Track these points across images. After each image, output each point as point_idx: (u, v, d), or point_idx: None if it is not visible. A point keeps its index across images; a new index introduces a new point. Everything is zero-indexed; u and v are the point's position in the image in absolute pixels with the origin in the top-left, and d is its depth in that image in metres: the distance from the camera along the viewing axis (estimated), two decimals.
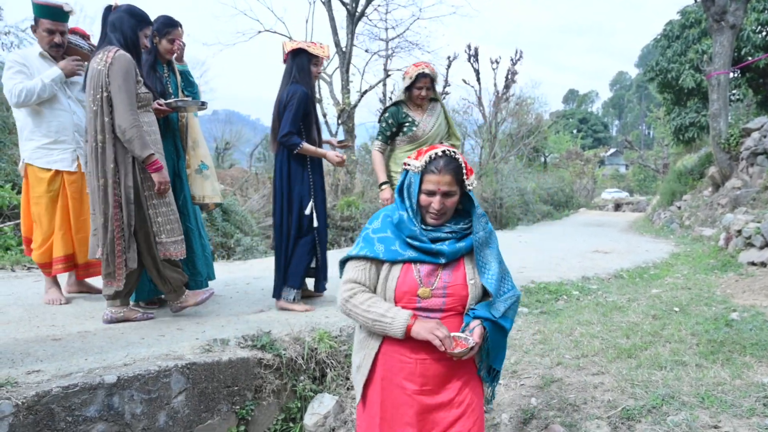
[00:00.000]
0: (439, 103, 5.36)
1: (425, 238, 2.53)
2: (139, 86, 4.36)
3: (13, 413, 3.00)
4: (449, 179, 2.47)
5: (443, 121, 5.31)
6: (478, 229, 2.53)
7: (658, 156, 40.15)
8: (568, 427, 3.34)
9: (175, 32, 5.04)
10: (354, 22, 21.03)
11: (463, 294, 2.50)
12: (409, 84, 5.08)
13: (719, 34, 13.15)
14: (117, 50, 4.27)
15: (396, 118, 5.18)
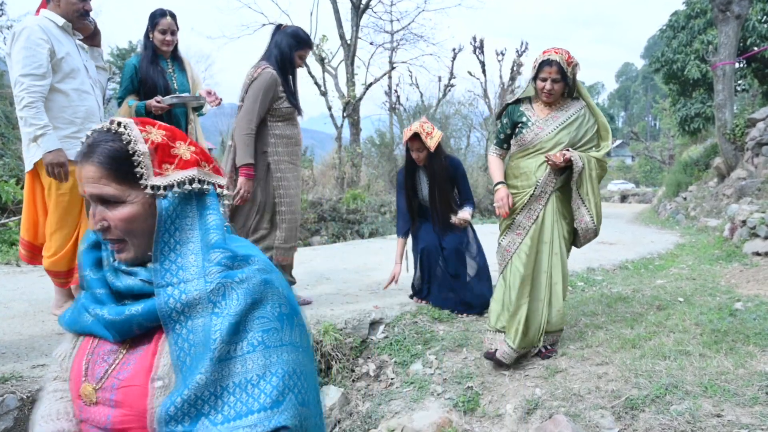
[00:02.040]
0: (584, 102, 4.19)
1: (104, 290, 1.51)
2: (280, 102, 4.76)
3: (18, 407, 3.02)
4: (92, 172, 1.43)
5: (583, 126, 4.10)
6: (189, 279, 1.40)
7: (664, 147, 40.03)
8: (572, 416, 3.34)
9: (164, 21, 4.95)
10: (359, 15, 21.00)
11: (140, 406, 1.37)
12: (534, 75, 4.09)
13: (724, 24, 13.09)
14: (266, 67, 4.72)
15: (511, 117, 4.26)
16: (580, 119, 4.10)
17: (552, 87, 4.00)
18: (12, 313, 3.72)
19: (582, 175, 3.99)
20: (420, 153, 5.21)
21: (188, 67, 5.28)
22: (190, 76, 5.26)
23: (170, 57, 5.13)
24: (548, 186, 4.08)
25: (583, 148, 4.08)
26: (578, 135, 4.08)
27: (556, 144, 4.04)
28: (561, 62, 3.93)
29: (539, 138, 4.09)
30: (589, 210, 4.07)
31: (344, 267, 7.11)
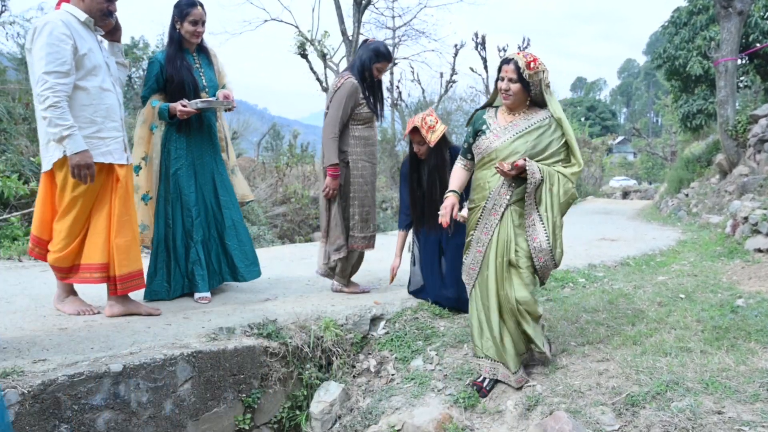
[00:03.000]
0: (550, 110, 3.78)
1: None
2: (360, 107, 5.22)
3: (19, 402, 3.02)
4: None
5: (545, 137, 3.74)
6: None
7: (666, 144, 39.95)
8: (573, 413, 3.35)
9: (195, 12, 4.81)
10: (360, 11, 20.96)
11: None
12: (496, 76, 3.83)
13: (727, 20, 13.06)
14: (348, 77, 5.18)
15: (474, 125, 3.98)
16: (542, 129, 3.74)
17: (508, 87, 3.69)
18: (14, 308, 3.73)
19: (541, 189, 3.63)
20: (420, 146, 5.11)
21: (215, 59, 5.16)
22: (217, 69, 5.15)
23: (196, 50, 5.01)
24: (502, 199, 3.74)
25: (546, 162, 3.70)
26: (538, 146, 3.70)
27: (512, 153, 3.69)
28: (518, 62, 3.65)
29: (493, 146, 3.77)
30: (546, 228, 3.67)
31: None
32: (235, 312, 4.70)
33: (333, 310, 4.92)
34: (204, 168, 5.01)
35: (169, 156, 4.92)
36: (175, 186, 4.93)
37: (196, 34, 4.85)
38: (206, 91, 4.94)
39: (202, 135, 4.99)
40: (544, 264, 3.74)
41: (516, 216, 3.75)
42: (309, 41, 19.17)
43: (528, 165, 3.56)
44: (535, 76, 3.68)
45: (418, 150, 5.14)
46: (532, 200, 3.65)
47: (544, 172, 3.62)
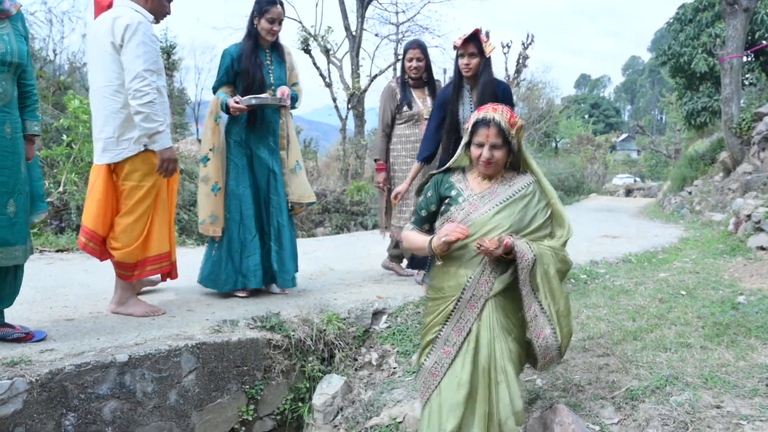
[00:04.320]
0: (532, 177, 3.13)
1: None
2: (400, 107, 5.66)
3: (27, 390, 3.07)
4: None
5: (531, 207, 3.03)
6: None
7: (670, 141, 39.94)
8: (573, 407, 3.38)
9: (274, 10, 4.78)
10: (364, 6, 20.97)
11: None
12: (467, 139, 3.09)
13: (732, 17, 13.05)
14: (390, 80, 5.81)
15: (438, 189, 3.19)
16: (528, 198, 3.03)
17: (491, 155, 2.97)
18: (20, 300, 3.76)
19: (535, 272, 2.88)
20: (472, 59, 4.61)
21: (288, 57, 5.12)
22: (288, 66, 5.10)
23: (269, 47, 4.98)
24: (482, 288, 2.95)
25: (532, 237, 2.98)
26: (525, 218, 2.99)
27: (494, 229, 2.93)
28: (502, 122, 2.94)
29: (471, 219, 2.97)
30: (551, 320, 2.94)
31: (348, 258, 7.15)
32: (239, 305, 4.74)
33: (335, 303, 4.95)
34: (261, 165, 4.96)
35: (229, 149, 4.94)
36: (235, 179, 4.92)
37: (272, 32, 4.83)
38: (273, 89, 4.90)
39: (262, 131, 4.94)
40: (548, 361, 3.05)
41: (499, 311, 2.97)
42: (312, 36, 19.16)
43: (517, 244, 2.83)
44: (518, 134, 3.04)
45: (468, 63, 4.63)
46: (529, 288, 2.90)
47: (537, 251, 2.88)
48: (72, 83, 15.50)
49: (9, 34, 3.38)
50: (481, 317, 2.96)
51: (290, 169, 5.18)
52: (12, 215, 3.41)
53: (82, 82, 18.66)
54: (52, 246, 7.25)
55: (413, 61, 5.53)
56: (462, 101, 4.80)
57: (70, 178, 8.16)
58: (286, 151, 5.14)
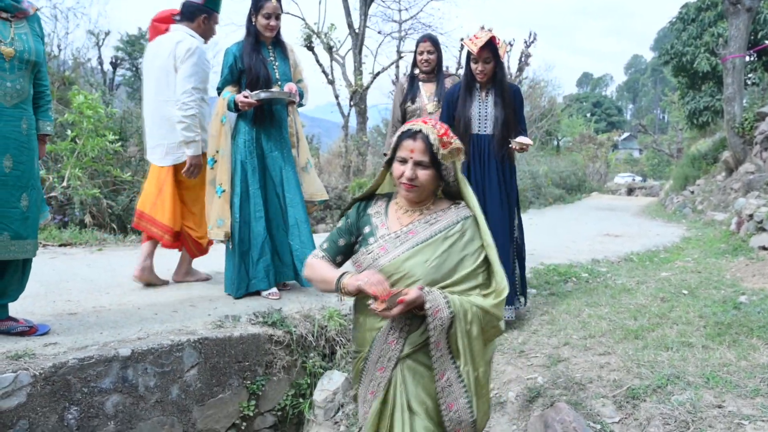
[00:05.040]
0: (468, 211, 2.59)
1: None
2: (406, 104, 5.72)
3: (30, 383, 3.09)
4: None
5: (456, 252, 2.49)
6: None
7: (672, 140, 39.88)
8: (574, 405, 3.38)
9: (269, 5, 4.74)
10: (367, 4, 20.97)
11: None
12: (391, 153, 2.56)
13: (735, 17, 13.04)
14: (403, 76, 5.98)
15: (356, 221, 2.68)
16: (453, 238, 2.49)
17: (414, 173, 2.43)
18: (23, 294, 3.77)
19: (453, 331, 2.35)
20: (487, 65, 4.53)
21: (291, 54, 5.09)
22: (292, 63, 5.08)
23: (272, 43, 4.95)
24: (391, 347, 2.45)
25: (457, 288, 2.43)
26: (446, 265, 2.44)
27: (403, 278, 2.42)
28: (431, 136, 2.42)
29: (379, 265, 2.46)
30: (468, 389, 2.42)
31: None
32: (241, 300, 4.75)
33: (337, 299, 4.95)
34: (273, 163, 4.93)
35: (238, 148, 4.89)
36: (243, 179, 4.87)
37: (269, 27, 4.79)
38: (279, 84, 4.86)
39: (271, 129, 4.92)
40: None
41: (410, 377, 2.46)
42: (315, 34, 19.18)
43: (428, 297, 2.30)
44: (453, 156, 2.50)
45: (483, 70, 4.54)
46: (444, 351, 2.39)
47: (456, 307, 2.34)
48: (76, 78, 15.53)
49: (27, 34, 3.47)
50: (392, 384, 2.47)
51: (301, 167, 5.16)
52: (25, 209, 3.48)
53: (86, 78, 18.67)
54: (55, 240, 7.26)
55: (424, 54, 5.55)
56: (472, 100, 4.71)
57: (74, 173, 8.17)
58: (297, 149, 5.14)
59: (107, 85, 27.28)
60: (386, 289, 2.28)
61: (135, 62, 37.92)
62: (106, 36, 31.58)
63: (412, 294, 2.27)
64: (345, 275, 2.44)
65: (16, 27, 3.43)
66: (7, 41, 3.35)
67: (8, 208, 3.40)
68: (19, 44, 3.39)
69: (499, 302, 2.44)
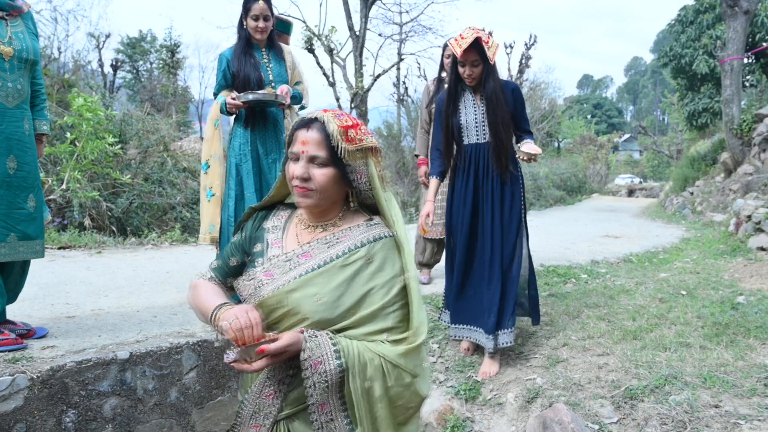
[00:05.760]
0: (384, 229, 2.07)
1: None
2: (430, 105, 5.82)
3: (28, 386, 3.08)
4: None
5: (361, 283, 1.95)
6: None
7: (672, 142, 39.90)
8: (572, 405, 3.39)
9: (256, 7, 4.67)
10: (368, 6, 20.96)
11: None
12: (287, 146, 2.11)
13: (733, 19, 13.06)
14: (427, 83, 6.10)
15: (251, 235, 2.17)
16: (355, 266, 1.95)
17: (306, 172, 1.95)
18: (22, 296, 3.78)
19: (348, 389, 1.83)
20: (475, 68, 3.92)
21: (288, 56, 5.02)
22: (289, 65, 5.00)
23: (266, 46, 4.89)
24: (266, 403, 1.97)
25: (355, 333, 1.89)
26: (345, 301, 1.90)
27: (289, 315, 1.90)
28: (329, 125, 1.94)
29: (260, 295, 1.95)
30: None
31: None
32: None
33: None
34: (269, 166, 4.87)
35: (234, 151, 4.85)
36: (239, 182, 4.83)
37: (258, 29, 4.73)
38: (272, 86, 4.81)
39: (266, 131, 4.86)
40: None
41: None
42: (316, 36, 19.17)
43: (307, 344, 1.80)
44: (362, 156, 2.01)
45: (471, 74, 3.94)
46: (337, 414, 1.88)
47: (351, 357, 1.82)
48: (76, 81, 15.55)
49: (23, 32, 3.47)
50: None
51: None
52: (32, 210, 3.50)
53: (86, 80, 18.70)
54: (54, 243, 7.26)
55: (450, 58, 5.50)
56: (463, 104, 4.12)
57: (73, 175, 8.18)
58: None
59: (107, 87, 27.30)
60: (254, 333, 1.75)
61: (135, 64, 37.99)
62: (107, 38, 31.61)
63: (282, 340, 1.77)
64: (223, 307, 1.88)
65: (12, 25, 3.43)
66: (5, 40, 3.36)
67: (14, 209, 3.41)
68: (17, 43, 3.39)
69: (409, 351, 1.89)
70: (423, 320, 1.93)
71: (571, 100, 64.24)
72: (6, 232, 3.38)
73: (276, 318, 1.92)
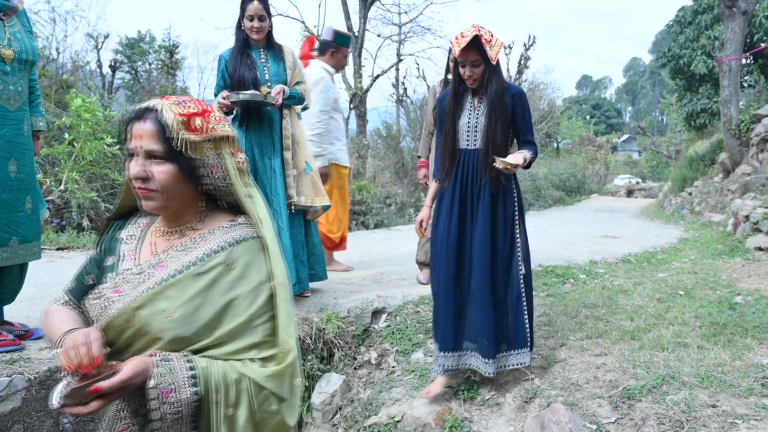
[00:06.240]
0: (249, 230, 1.85)
1: None
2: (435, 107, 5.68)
3: (25, 387, 3.09)
4: None
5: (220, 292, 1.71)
6: None
7: (671, 142, 39.95)
8: (570, 405, 3.39)
9: (251, 7, 4.69)
10: (367, 7, 21.02)
11: None
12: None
13: (731, 20, 13.07)
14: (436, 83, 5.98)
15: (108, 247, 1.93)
16: (212, 274, 1.72)
17: (143, 171, 1.71)
18: (20, 297, 3.78)
19: (209, 415, 1.61)
20: (475, 68, 3.60)
21: (288, 56, 4.98)
22: (289, 64, 4.96)
23: (264, 46, 4.88)
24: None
25: (218, 352, 1.66)
26: (202, 316, 1.66)
27: (140, 336, 1.67)
28: (164, 113, 1.70)
29: (108, 314, 1.69)
30: None
31: (348, 257, 7.16)
32: None
33: (335, 302, 4.97)
34: (265, 167, 4.85)
35: None
36: None
37: (254, 29, 4.73)
38: (268, 86, 4.79)
39: (261, 131, 4.85)
40: None
41: None
42: (315, 37, 19.22)
43: (156, 370, 1.55)
44: (215, 148, 1.78)
45: (472, 74, 3.62)
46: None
47: (211, 380, 1.59)
48: (74, 82, 15.52)
49: (21, 32, 3.45)
50: None
51: (300, 170, 5.00)
52: (30, 212, 3.51)
53: (84, 81, 18.66)
54: (52, 244, 7.27)
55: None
56: (462, 108, 3.81)
57: (71, 176, 8.17)
58: (291, 152, 4.97)
59: (106, 88, 27.29)
60: (91, 352, 1.49)
61: (134, 65, 37.99)
62: (105, 39, 31.60)
63: (123, 372, 1.49)
64: (70, 333, 1.61)
65: (9, 26, 3.41)
66: (4, 43, 3.35)
67: (15, 213, 3.41)
68: (17, 45, 3.37)
69: (278, 372, 1.66)
70: (292, 333, 1.71)
71: (570, 100, 64.23)
72: (8, 236, 3.38)
73: (125, 340, 1.68)
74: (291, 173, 4.90)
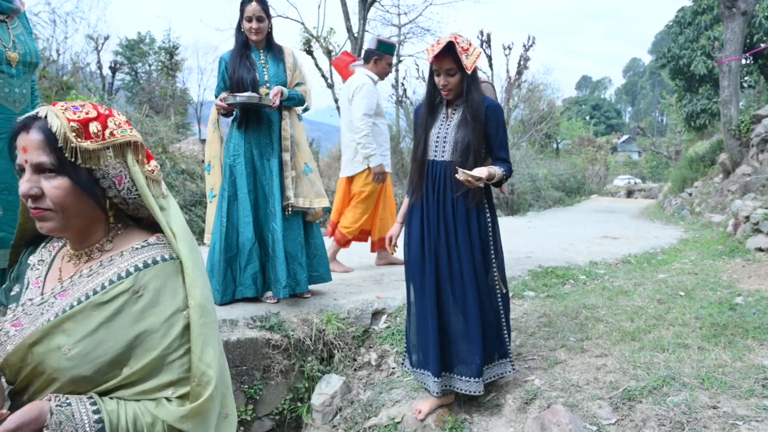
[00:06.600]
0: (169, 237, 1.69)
1: None
2: None
3: None
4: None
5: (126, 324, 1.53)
6: None
7: (670, 143, 39.94)
8: (571, 407, 3.39)
9: (249, 8, 4.69)
10: (366, 8, 20.99)
11: None
12: None
13: (730, 20, 13.07)
14: None
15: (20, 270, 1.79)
16: (116, 303, 1.53)
17: (32, 187, 1.53)
18: None
19: None
20: (450, 77, 3.39)
21: (288, 57, 4.96)
22: (289, 66, 4.94)
23: (264, 47, 4.87)
24: None
25: (129, 393, 1.50)
26: (106, 351, 1.49)
27: (37, 377, 1.51)
28: (53, 121, 1.51)
29: (4, 351, 1.53)
30: None
31: (348, 257, 7.17)
32: (239, 304, 4.74)
33: (335, 304, 4.97)
34: (263, 168, 4.84)
35: (228, 152, 4.85)
36: (232, 183, 4.80)
37: (253, 30, 4.72)
38: (267, 87, 4.78)
39: (260, 133, 4.84)
40: None
41: None
42: (314, 38, 19.21)
43: (54, 418, 1.39)
44: (113, 154, 1.58)
45: (446, 83, 3.41)
46: None
47: (120, 423, 1.45)
48: (75, 83, 15.54)
49: (23, 33, 3.43)
50: None
51: (299, 172, 4.97)
52: None
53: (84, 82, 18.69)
54: None
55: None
56: (434, 119, 3.61)
57: None
58: (290, 153, 4.93)
59: (106, 89, 27.30)
60: None
61: (134, 67, 37.99)
62: (105, 40, 31.60)
63: (12, 419, 1.36)
64: None
65: (12, 28, 3.41)
66: (9, 45, 3.34)
67: None
68: (21, 47, 3.35)
69: (194, 411, 1.50)
70: (211, 362, 1.52)
71: (570, 101, 64.23)
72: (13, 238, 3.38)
73: (22, 381, 1.50)
74: (289, 174, 4.88)
